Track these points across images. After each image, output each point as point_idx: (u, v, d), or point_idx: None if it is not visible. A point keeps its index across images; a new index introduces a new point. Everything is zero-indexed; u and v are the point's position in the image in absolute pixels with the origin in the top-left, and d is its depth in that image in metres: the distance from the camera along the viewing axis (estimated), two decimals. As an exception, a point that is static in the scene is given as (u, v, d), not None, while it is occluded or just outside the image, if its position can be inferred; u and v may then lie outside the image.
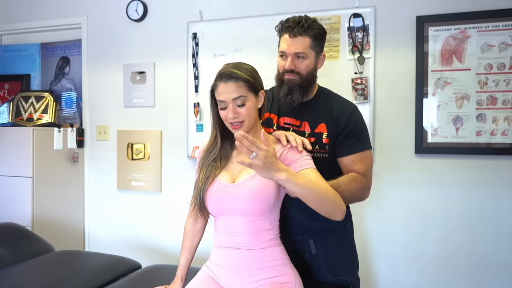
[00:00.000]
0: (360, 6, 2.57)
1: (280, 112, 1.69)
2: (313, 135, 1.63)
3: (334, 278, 1.66)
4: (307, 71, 1.60)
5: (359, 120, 1.65)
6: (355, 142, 1.62)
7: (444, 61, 2.46)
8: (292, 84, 1.59)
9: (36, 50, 3.52)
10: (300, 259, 1.65)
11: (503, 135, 2.38)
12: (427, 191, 2.52)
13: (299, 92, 1.60)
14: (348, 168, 1.62)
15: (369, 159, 1.66)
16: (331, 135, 1.62)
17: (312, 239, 1.65)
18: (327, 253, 1.66)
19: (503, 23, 2.37)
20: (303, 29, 1.56)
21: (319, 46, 1.62)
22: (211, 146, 1.55)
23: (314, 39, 1.59)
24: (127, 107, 3.16)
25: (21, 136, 2.96)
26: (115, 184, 3.19)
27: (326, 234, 1.65)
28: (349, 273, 1.72)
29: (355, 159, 1.61)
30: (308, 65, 1.60)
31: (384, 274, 2.60)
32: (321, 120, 1.63)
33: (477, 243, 2.45)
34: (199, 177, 1.53)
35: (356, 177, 1.59)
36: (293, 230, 1.62)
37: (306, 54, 1.58)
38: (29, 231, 2.58)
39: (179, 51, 2.98)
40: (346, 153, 1.62)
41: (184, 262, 1.62)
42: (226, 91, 1.42)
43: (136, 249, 3.09)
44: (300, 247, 1.66)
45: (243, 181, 1.45)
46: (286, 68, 1.59)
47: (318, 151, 1.62)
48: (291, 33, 1.57)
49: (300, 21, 1.58)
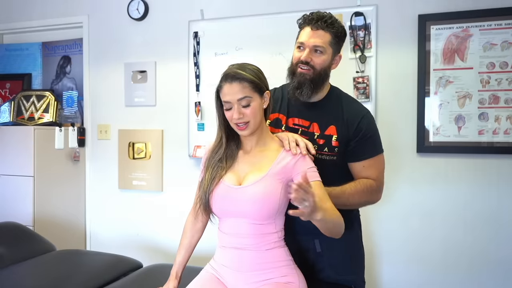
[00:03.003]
0: (361, 5, 2.56)
1: (289, 113, 1.66)
2: (322, 137, 1.60)
3: (337, 277, 1.65)
4: (322, 67, 1.57)
5: (370, 125, 1.62)
6: (366, 148, 1.59)
7: (446, 60, 2.45)
8: (304, 79, 1.56)
9: (37, 49, 3.51)
10: (304, 258, 1.64)
11: (505, 134, 2.37)
12: (429, 190, 2.51)
13: (309, 87, 1.57)
14: (358, 173, 1.60)
15: (381, 163, 1.64)
16: (341, 138, 1.59)
17: (318, 239, 1.63)
18: (331, 252, 1.64)
19: (505, 21, 2.36)
20: (326, 24, 1.55)
21: (337, 45, 1.60)
22: (216, 147, 1.54)
23: (334, 36, 1.57)
24: (128, 106, 3.16)
25: (22, 135, 2.96)
26: (116, 183, 3.19)
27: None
28: (353, 272, 1.70)
29: (366, 164, 1.60)
30: (324, 60, 1.57)
31: (385, 272, 2.59)
32: (331, 122, 1.60)
33: (479, 242, 2.44)
34: (205, 177, 1.52)
35: (365, 182, 1.57)
36: (298, 230, 1.61)
37: (324, 49, 1.56)
38: (30, 231, 2.59)
39: (180, 50, 2.97)
40: (357, 159, 1.60)
41: (180, 260, 1.61)
42: (231, 91, 1.42)
43: (137, 248, 3.08)
44: (305, 245, 1.65)
45: (249, 184, 1.44)
46: (301, 59, 1.56)
47: (327, 153, 1.59)
48: (313, 26, 1.55)
49: (324, 16, 1.57)
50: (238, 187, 1.46)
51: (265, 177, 1.44)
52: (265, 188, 1.42)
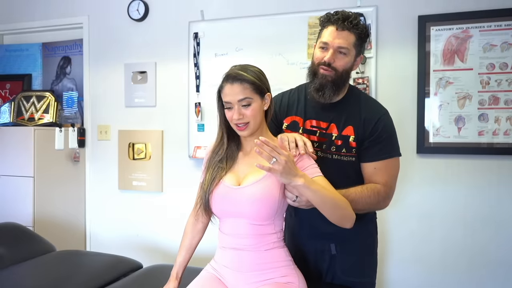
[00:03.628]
0: (362, 6, 2.56)
1: (307, 115, 1.63)
2: (340, 137, 1.58)
3: (347, 278, 1.64)
4: (344, 69, 1.53)
5: (387, 126, 1.58)
6: (381, 149, 1.56)
7: (446, 61, 2.45)
8: (325, 81, 1.53)
9: (37, 50, 3.52)
10: (319, 260, 1.65)
11: (505, 135, 2.37)
12: (428, 191, 2.51)
13: (331, 89, 1.54)
14: (369, 175, 1.57)
15: (395, 167, 1.60)
16: (358, 138, 1.56)
17: (333, 243, 1.63)
18: (345, 255, 1.63)
19: (505, 22, 2.36)
20: (352, 25, 1.51)
21: (360, 47, 1.56)
22: (217, 147, 1.55)
23: (358, 37, 1.53)
24: (128, 107, 3.16)
25: (22, 136, 2.96)
26: (116, 184, 3.19)
27: (347, 238, 1.60)
28: (367, 275, 1.69)
29: (377, 167, 1.56)
30: (347, 62, 1.53)
31: (384, 273, 2.59)
32: (348, 123, 1.58)
33: (479, 243, 2.44)
34: (205, 178, 1.53)
35: (372, 188, 1.53)
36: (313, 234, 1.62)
37: (348, 50, 1.52)
38: (30, 231, 2.58)
39: (180, 51, 2.98)
40: (369, 160, 1.56)
41: (181, 261, 1.61)
42: (232, 92, 1.42)
43: (137, 249, 3.09)
44: (320, 248, 1.65)
45: (248, 185, 1.45)
46: (325, 60, 1.51)
47: (345, 154, 1.57)
48: (339, 26, 1.50)
49: (349, 16, 1.52)
50: (237, 188, 1.46)
51: (264, 177, 1.44)
52: (263, 189, 1.43)
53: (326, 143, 1.60)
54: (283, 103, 1.69)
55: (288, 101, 1.69)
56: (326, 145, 1.60)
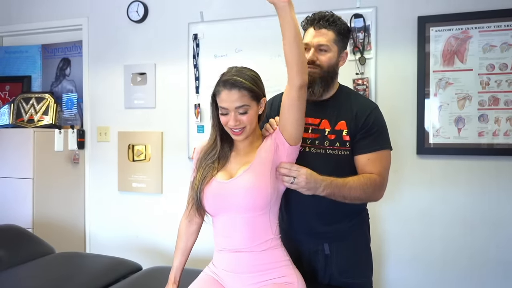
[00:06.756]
0: (361, 7, 2.56)
1: None
2: (333, 132, 1.61)
3: (346, 280, 1.65)
4: (329, 65, 1.60)
5: (378, 119, 1.63)
6: (373, 141, 1.60)
7: (446, 62, 2.45)
8: (312, 78, 1.56)
9: (36, 52, 3.52)
10: (313, 261, 1.65)
11: (505, 136, 2.36)
12: (428, 192, 2.51)
13: (320, 84, 1.59)
14: (363, 167, 1.60)
15: (387, 159, 1.63)
16: (351, 132, 1.60)
17: (327, 243, 1.64)
18: (340, 255, 1.64)
19: (505, 23, 2.36)
20: (328, 22, 1.59)
21: (342, 42, 1.63)
22: (210, 148, 1.55)
23: (338, 34, 1.60)
24: (128, 108, 3.16)
25: (21, 137, 2.96)
26: (116, 186, 3.19)
27: (341, 237, 1.64)
28: (363, 276, 1.70)
29: (371, 158, 1.59)
30: (330, 58, 1.60)
31: (384, 273, 2.59)
32: (341, 118, 1.62)
33: (479, 243, 2.43)
34: (196, 177, 1.53)
35: (368, 176, 1.57)
36: (307, 233, 1.63)
37: (328, 47, 1.59)
38: (29, 233, 2.58)
39: (180, 52, 2.97)
40: (363, 151, 1.60)
41: (177, 265, 1.61)
42: (229, 99, 1.41)
43: (137, 251, 3.08)
44: (313, 248, 1.66)
45: (239, 175, 1.46)
46: (307, 60, 1.56)
47: (339, 148, 1.60)
48: (316, 26, 1.60)
49: (325, 15, 1.61)
50: (229, 181, 1.47)
51: (252, 165, 1.46)
52: (254, 177, 1.44)
53: (319, 138, 1.62)
54: (274, 105, 1.72)
55: (279, 102, 1.71)
56: (319, 140, 1.62)
